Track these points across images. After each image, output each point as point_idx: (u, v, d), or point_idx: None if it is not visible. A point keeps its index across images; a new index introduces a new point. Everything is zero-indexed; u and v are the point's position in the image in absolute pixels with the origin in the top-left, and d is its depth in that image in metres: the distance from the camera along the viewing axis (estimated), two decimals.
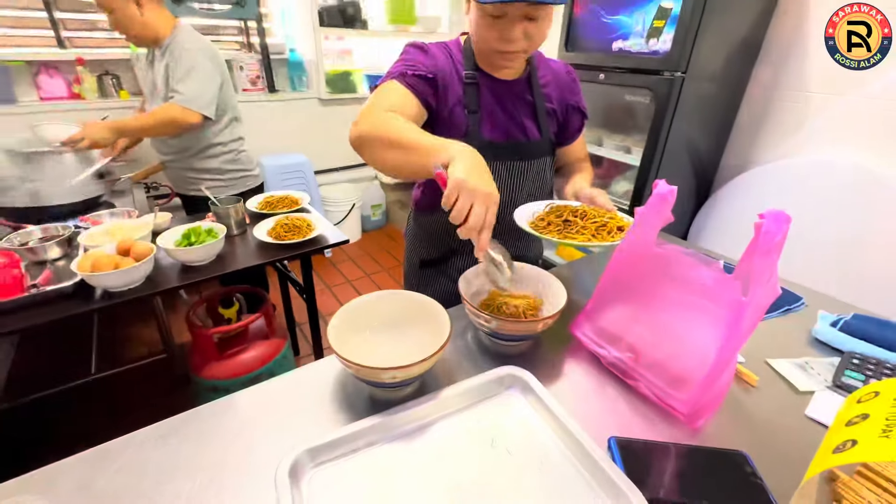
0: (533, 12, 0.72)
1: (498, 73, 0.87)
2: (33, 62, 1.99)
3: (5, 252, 1.09)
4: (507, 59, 0.79)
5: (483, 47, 0.80)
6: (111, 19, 1.44)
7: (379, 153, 0.71)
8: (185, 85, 1.46)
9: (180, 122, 1.48)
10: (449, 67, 0.85)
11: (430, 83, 0.82)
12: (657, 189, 0.61)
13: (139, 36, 1.48)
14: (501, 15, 0.72)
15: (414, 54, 0.84)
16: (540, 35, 0.76)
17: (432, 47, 0.87)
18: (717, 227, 1.77)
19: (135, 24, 1.44)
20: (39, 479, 0.51)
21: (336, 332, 0.63)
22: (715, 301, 0.59)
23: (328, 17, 2.53)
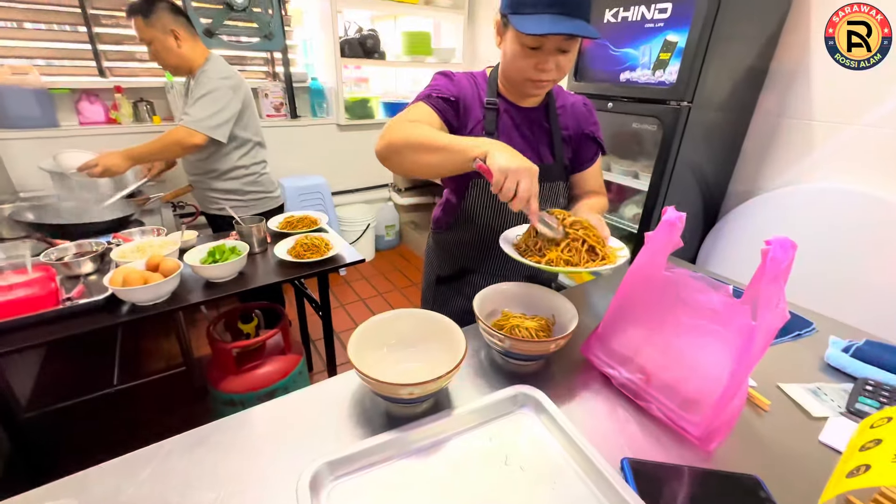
0: (566, 45, 0.78)
1: (522, 101, 0.93)
2: (76, 90, 2.13)
3: (43, 266, 1.15)
4: (538, 87, 0.85)
5: (516, 76, 0.85)
6: (151, 51, 1.56)
7: (410, 157, 0.78)
8: (194, 108, 1.55)
9: (184, 143, 1.54)
10: (472, 93, 0.92)
11: (452, 105, 0.89)
12: (666, 216, 0.63)
13: (176, 66, 1.59)
14: (538, 46, 0.78)
15: (440, 81, 0.92)
16: (568, 66, 0.82)
17: (458, 75, 0.94)
18: (726, 251, 1.77)
19: (172, 55, 1.56)
20: (73, 485, 0.54)
21: (355, 349, 0.65)
22: (725, 325, 0.60)
23: (349, 49, 2.66)
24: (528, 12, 0.74)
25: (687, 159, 1.56)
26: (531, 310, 0.83)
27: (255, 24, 2.37)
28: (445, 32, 3.26)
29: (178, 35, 1.54)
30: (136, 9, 1.49)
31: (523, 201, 0.68)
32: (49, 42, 2.09)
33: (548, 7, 0.73)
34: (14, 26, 2.00)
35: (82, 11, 2.07)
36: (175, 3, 1.57)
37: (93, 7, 2.10)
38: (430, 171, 0.79)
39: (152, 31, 1.51)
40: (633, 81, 1.60)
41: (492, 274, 1.05)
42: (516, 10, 0.76)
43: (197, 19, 2.19)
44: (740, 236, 1.73)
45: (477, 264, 1.05)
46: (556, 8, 0.73)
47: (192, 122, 1.53)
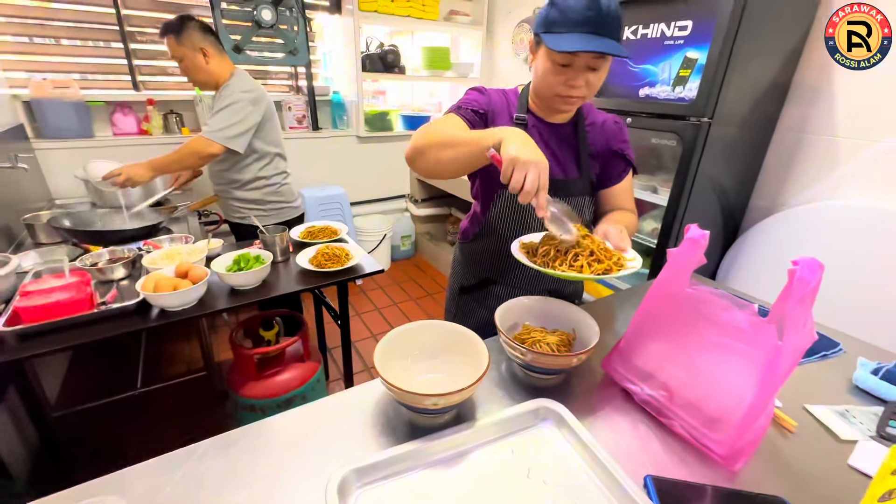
0: (596, 63, 0.80)
1: (551, 117, 0.96)
2: (111, 102, 2.23)
3: (79, 271, 1.20)
4: (567, 103, 0.87)
5: (546, 92, 0.87)
6: (181, 67, 1.64)
7: (434, 154, 0.81)
8: (213, 119, 1.61)
9: (201, 153, 1.60)
10: (502, 107, 0.95)
11: (481, 117, 0.93)
12: (689, 233, 0.64)
13: (204, 82, 1.67)
14: (569, 63, 0.80)
15: (472, 94, 0.96)
16: (597, 83, 0.84)
17: (490, 91, 0.98)
18: (746, 268, 1.75)
19: (200, 71, 1.63)
20: (114, 482, 0.56)
21: (381, 358, 0.67)
22: (750, 344, 0.60)
23: (370, 63, 2.74)
24: (560, 31, 0.77)
25: (707, 174, 1.55)
26: (552, 324, 0.84)
27: (281, 40, 2.46)
28: (464, 47, 3.32)
29: (206, 52, 1.62)
30: (169, 28, 1.57)
31: (529, 195, 0.66)
32: (88, 58, 2.20)
33: (579, 26, 0.76)
34: (54, 42, 2.11)
35: (120, 29, 2.18)
36: (204, 23, 1.65)
37: (129, 25, 2.21)
38: (451, 167, 0.81)
39: (183, 49, 1.59)
40: (653, 97, 1.61)
41: (514, 286, 1.06)
42: (549, 29, 0.79)
43: (227, 36, 2.28)
44: (761, 253, 1.70)
45: (500, 275, 1.07)
46: (588, 27, 0.75)
47: (209, 132, 1.60)
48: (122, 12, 2.16)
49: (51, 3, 2.04)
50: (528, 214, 0.98)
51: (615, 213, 0.99)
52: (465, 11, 3.00)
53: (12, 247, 1.56)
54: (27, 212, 1.68)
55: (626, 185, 1.03)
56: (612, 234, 0.82)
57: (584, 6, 0.75)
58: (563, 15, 0.77)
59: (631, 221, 0.98)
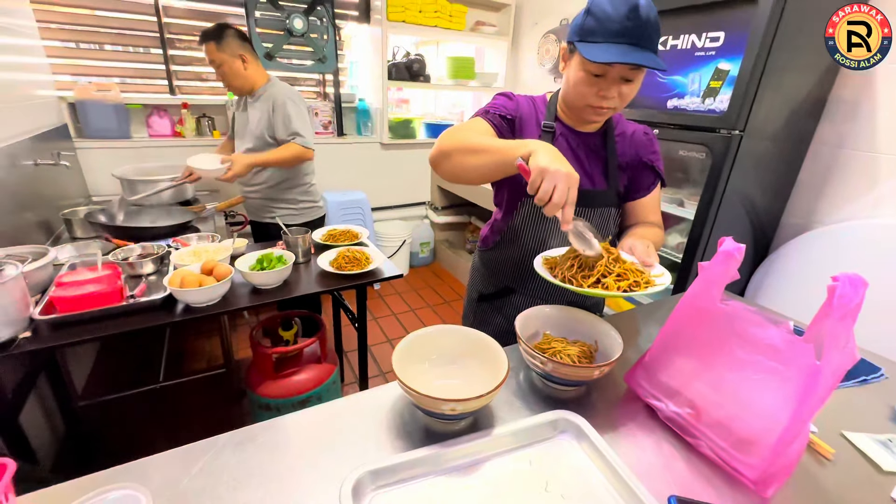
0: (630, 75, 0.79)
1: (579, 126, 0.94)
2: (148, 105, 2.33)
3: (111, 265, 1.25)
4: (598, 114, 0.85)
5: (577, 101, 0.86)
6: (219, 72, 1.70)
7: (459, 159, 0.80)
8: (303, 129, 1.74)
9: (303, 157, 1.76)
10: (529, 114, 0.94)
11: (508, 123, 0.92)
12: (723, 246, 0.62)
13: (240, 87, 1.74)
14: (603, 74, 0.79)
15: (500, 100, 0.96)
16: (630, 95, 0.83)
17: (518, 96, 0.97)
18: (778, 286, 1.68)
19: (238, 77, 1.70)
20: (134, 471, 0.57)
21: (399, 361, 0.67)
22: (785, 363, 0.57)
23: (396, 72, 2.78)
24: (597, 41, 0.76)
25: (737, 189, 1.51)
26: (573, 335, 0.82)
27: (311, 48, 2.53)
28: (489, 57, 3.34)
29: (245, 59, 1.68)
30: (210, 35, 1.64)
31: (556, 207, 0.65)
32: (129, 63, 2.31)
33: (617, 37, 0.74)
34: (97, 48, 2.22)
35: (160, 36, 2.28)
36: (241, 31, 1.72)
37: (169, 32, 2.31)
38: (475, 174, 0.80)
39: (222, 55, 1.65)
40: (681, 109, 1.58)
41: (533, 295, 1.04)
42: (584, 37, 0.78)
43: (259, 43, 2.36)
44: (794, 271, 1.63)
45: (519, 284, 1.05)
46: (626, 38, 0.74)
47: (304, 142, 1.73)
48: (163, 20, 2.27)
49: (98, 12, 2.15)
50: (551, 224, 0.96)
51: (640, 226, 0.96)
52: (492, 22, 3.02)
53: (50, 239, 1.63)
54: (66, 207, 1.76)
55: (654, 198, 1.00)
56: (639, 249, 0.80)
57: (624, 16, 0.73)
58: (601, 24, 0.75)
59: (657, 236, 0.95)
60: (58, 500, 0.49)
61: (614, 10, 0.74)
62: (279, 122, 1.72)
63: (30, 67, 1.87)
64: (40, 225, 1.60)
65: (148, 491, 0.47)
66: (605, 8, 0.75)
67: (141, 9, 2.21)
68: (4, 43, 1.65)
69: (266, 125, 1.73)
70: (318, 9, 2.48)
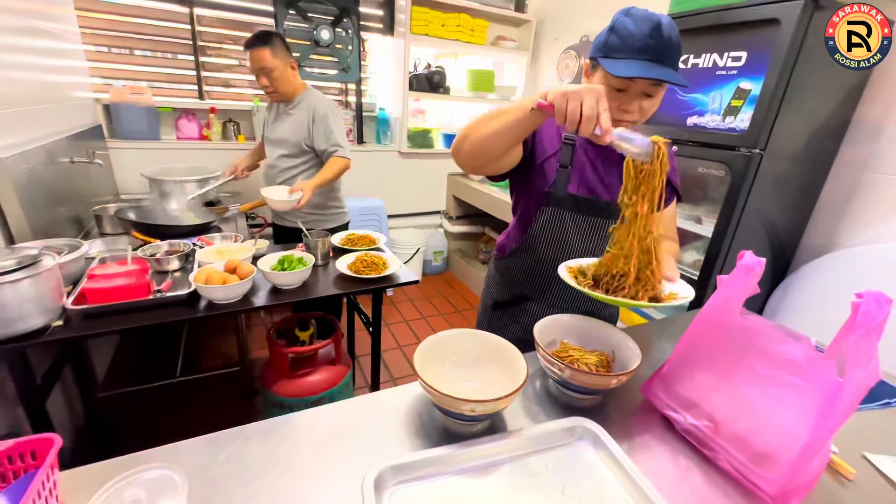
0: (651, 90, 0.81)
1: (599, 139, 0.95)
2: (178, 109, 2.42)
3: (140, 260, 1.29)
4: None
5: None
6: (270, 77, 1.71)
7: (480, 132, 0.79)
8: (342, 140, 1.81)
9: (346, 168, 1.84)
10: (553, 126, 0.97)
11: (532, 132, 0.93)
12: (743, 260, 0.63)
13: (285, 92, 1.77)
14: (625, 89, 0.81)
15: None
16: (651, 110, 0.85)
17: None
18: (797, 307, 1.65)
19: (288, 82, 1.75)
20: (165, 454, 0.59)
21: (421, 360, 0.68)
22: (806, 379, 0.57)
23: (416, 83, 2.84)
24: (620, 57, 0.78)
25: (756, 208, 1.50)
26: (590, 344, 0.82)
27: (336, 58, 2.61)
28: (508, 70, 3.39)
29: (293, 66, 1.74)
30: (264, 40, 1.66)
31: (592, 120, 0.63)
32: (162, 68, 2.40)
33: (639, 53, 0.76)
34: (128, 52, 2.32)
35: (193, 43, 2.37)
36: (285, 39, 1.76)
37: (201, 40, 2.41)
38: (496, 140, 0.79)
39: (276, 61, 1.68)
40: (701, 126, 1.58)
41: (549, 304, 1.05)
42: (608, 54, 0.80)
43: None
44: (814, 292, 1.61)
45: (534, 292, 1.06)
46: (647, 55, 0.76)
47: (344, 153, 1.81)
48: (197, 29, 2.36)
49: (136, 19, 2.26)
50: (569, 232, 0.98)
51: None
52: (512, 37, 3.08)
53: (81, 234, 1.70)
54: (97, 204, 1.82)
55: (669, 213, 1.01)
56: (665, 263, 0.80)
57: (646, 34, 0.75)
58: (624, 42, 0.77)
59: (674, 250, 0.96)
60: (96, 476, 0.51)
61: (637, 28, 0.76)
62: (320, 134, 1.77)
63: (71, 70, 1.96)
64: (72, 219, 1.66)
65: (183, 472, 0.49)
66: (628, 26, 0.78)
67: (176, 17, 2.31)
68: (52, 47, 1.74)
69: (305, 134, 1.78)
70: (345, 21, 2.56)
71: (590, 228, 0.97)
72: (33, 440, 0.48)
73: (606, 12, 2.34)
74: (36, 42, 1.59)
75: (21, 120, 1.43)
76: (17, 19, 1.45)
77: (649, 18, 0.76)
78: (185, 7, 2.30)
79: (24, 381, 1.08)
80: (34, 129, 1.51)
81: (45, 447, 0.48)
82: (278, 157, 1.86)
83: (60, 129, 1.69)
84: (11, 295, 0.94)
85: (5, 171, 1.20)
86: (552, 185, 0.95)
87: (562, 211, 0.96)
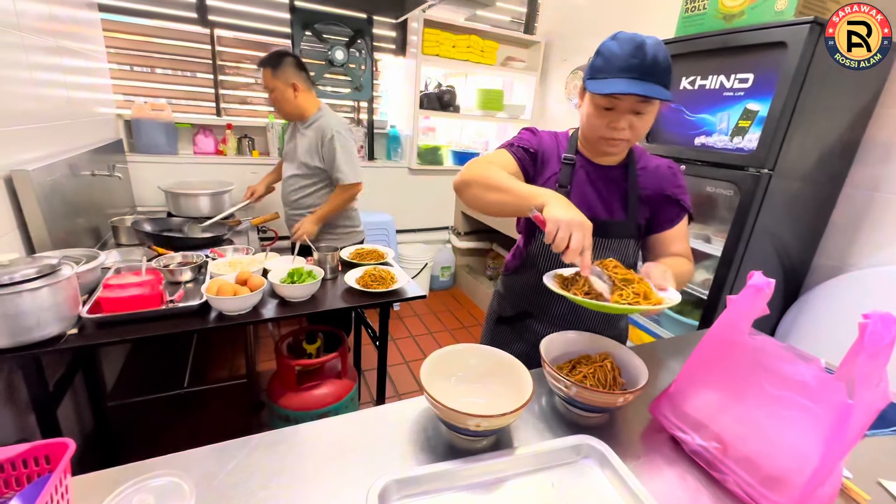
0: (640, 107, 0.82)
1: (599, 158, 0.97)
2: (196, 125, 2.50)
3: (154, 271, 1.32)
4: (612, 146, 0.89)
5: (591, 134, 0.90)
6: (271, 97, 1.79)
7: (480, 193, 0.85)
8: (349, 167, 1.81)
9: (353, 195, 1.87)
10: (552, 148, 0.99)
11: (531, 156, 0.97)
12: (752, 280, 0.63)
13: (289, 113, 1.83)
14: (612, 107, 0.83)
15: (524, 134, 1.01)
16: (643, 127, 0.85)
17: (542, 132, 1.02)
18: (809, 328, 1.62)
19: (288, 104, 1.80)
20: (174, 462, 0.60)
21: (427, 375, 0.69)
22: (815, 401, 0.57)
23: (427, 102, 2.91)
24: (603, 77, 0.80)
25: (766, 227, 1.50)
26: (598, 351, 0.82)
27: (349, 77, 2.68)
28: (517, 90, 3.45)
29: (296, 87, 1.78)
30: (268, 61, 1.74)
31: (575, 253, 0.68)
32: (182, 85, 2.49)
33: (621, 72, 0.78)
34: (149, 71, 2.42)
35: (213, 63, 2.47)
36: (300, 59, 1.82)
37: (220, 59, 2.50)
38: (493, 209, 0.85)
39: (276, 82, 1.75)
40: (709, 146, 1.59)
41: (550, 323, 1.05)
42: (593, 75, 0.83)
43: None
44: (826, 314, 1.59)
45: (536, 310, 1.07)
46: (631, 73, 0.77)
47: (346, 178, 1.81)
48: (216, 49, 2.46)
49: (159, 39, 2.35)
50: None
51: (669, 258, 0.96)
52: (521, 58, 3.14)
53: (98, 244, 1.74)
54: (114, 215, 1.87)
55: (680, 231, 0.99)
56: (655, 272, 0.80)
57: (629, 54, 0.77)
58: (608, 62, 0.80)
59: (685, 268, 0.93)
60: (106, 482, 0.52)
61: (620, 48, 0.78)
62: (327, 157, 1.81)
63: (96, 87, 2.04)
64: (90, 230, 1.71)
65: (191, 480, 0.50)
66: (612, 48, 0.80)
67: (198, 38, 2.41)
68: (79, 65, 1.82)
69: (315, 154, 1.82)
70: (359, 42, 2.65)
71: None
72: (48, 444, 0.49)
73: (610, 33, 2.39)
74: (65, 61, 1.66)
75: (47, 134, 1.49)
76: (49, 39, 1.53)
77: (632, 39, 0.78)
78: (207, 28, 2.40)
79: (38, 388, 1.10)
80: (59, 143, 1.57)
81: (60, 451, 0.49)
82: (292, 176, 1.91)
83: (83, 144, 1.75)
84: (31, 302, 0.96)
85: (30, 184, 1.25)
86: None
87: None
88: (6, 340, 0.96)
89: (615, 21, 2.44)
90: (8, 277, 0.93)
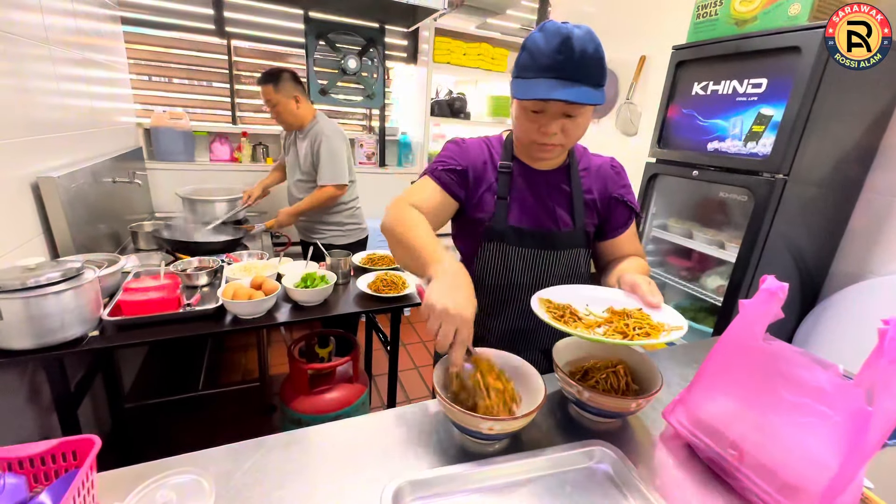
0: (571, 110, 0.75)
1: (536, 163, 0.90)
2: (212, 133, 2.56)
3: (171, 275, 1.35)
4: (545, 151, 0.82)
5: (523, 139, 0.83)
6: (274, 111, 1.90)
7: (392, 246, 0.82)
8: (329, 168, 1.89)
9: (334, 196, 1.94)
10: (483, 159, 0.90)
11: (458, 175, 0.88)
12: (765, 284, 0.62)
13: (291, 123, 1.94)
14: (541, 111, 0.76)
15: (449, 150, 0.92)
16: (576, 130, 0.78)
17: (470, 142, 0.93)
18: (828, 336, 1.59)
19: (291, 115, 1.90)
20: (193, 461, 0.61)
21: (439, 378, 0.69)
22: (833, 407, 0.56)
23: (438, 109, 2.93)
24: (529, 77, 0.73)
25: (781, 233, 1.48)
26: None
27: (362, 85, 2.73)
28: None
29: (298, 99, 1.87)
30: (269, 79, 1.84)
31: (443, 347, 0.62)
32: (200, 95, 2.56)
33: (548, 72, 0.70)
34: (167, 81, 2.48)
35: (230, 73, 2.53)
36: (295, 73, 1.92)
37: (237, 69, 2.56)
38: (400, 263, 0.82)
39: (279, 96, 1.85)
40: (722, 151, 1.58)
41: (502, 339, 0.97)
42: (519, 74, 0.75)
43: (315, 80, 2.58)
44: (845, 321, 1.56)
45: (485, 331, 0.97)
46: (556, 73, 0.70)
47: (329, 180, 1.90)
48: (233, 59, 2.52)
49: (177, 50, 2.42)
50: (514, 266, 0.90)
51: (629, 260, 0.91)
52: None
53: (118, 249, 1.79)
54: (133, 221, 1.92)
55: (631, 232, 0.95)
56: (642, 288, 0.74)
57: (554, 50, 0.69)
58: (533, 59, 0.72)
59: (645, 267, 0.90)
60: (129, 479, 0.53)
61: (546, 43, 0.70)
62: (315, 160, 1.91)
63: (118, 97, 2.11)
64: (110, 236, 1.76)
65: (211, 478, 0.51)
66: (538, 41, 0.72)
67: (215, 49, 2.48)
68: (102, 76, 1.88)
69: (311, 161, 1.92)
70: (371, 51, 2.69)
71: (538, 261, 0.90)
72: (76, 440, 0.51)
73: (621, 40, 2.39)
74: (89, 72, 1.72)
75: (72, 143, 1.54)
76: (75, 52, 1.58)
77: (558, 31, 0.70)
78: (223, 39, 2.46)
79: (60, 389, 1.13)
80: (83, 150, 1.62)
81: (86, 448, 0.50)
82: (294, 182, 2.02)
83: (105, 152, 1.81)
84: (55, 305, 1.00)
85: (56, 190, 1.29)
86: (492, 219, 0.88)
87: (504, 245, 0.89)
88: (31, 341, 0.99)
89: (625, 28, 2.45)
90: (34, 281, 0.96)
